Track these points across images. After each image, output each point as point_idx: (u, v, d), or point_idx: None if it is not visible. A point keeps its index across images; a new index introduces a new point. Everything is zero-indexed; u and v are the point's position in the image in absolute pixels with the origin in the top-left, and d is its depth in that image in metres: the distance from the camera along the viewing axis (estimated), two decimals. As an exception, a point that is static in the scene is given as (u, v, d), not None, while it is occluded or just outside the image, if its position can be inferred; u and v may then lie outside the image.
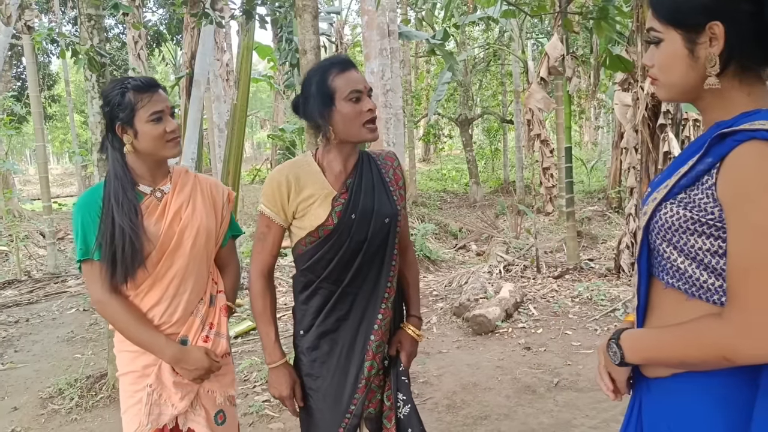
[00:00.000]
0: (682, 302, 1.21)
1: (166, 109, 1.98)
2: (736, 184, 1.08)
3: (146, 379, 1.99)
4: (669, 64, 1.22)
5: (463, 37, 17.19)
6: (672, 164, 1.27)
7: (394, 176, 2.05)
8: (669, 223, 1.19)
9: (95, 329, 6.49)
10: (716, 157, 1.12)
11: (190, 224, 2.02)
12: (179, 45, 20.36)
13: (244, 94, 7.74)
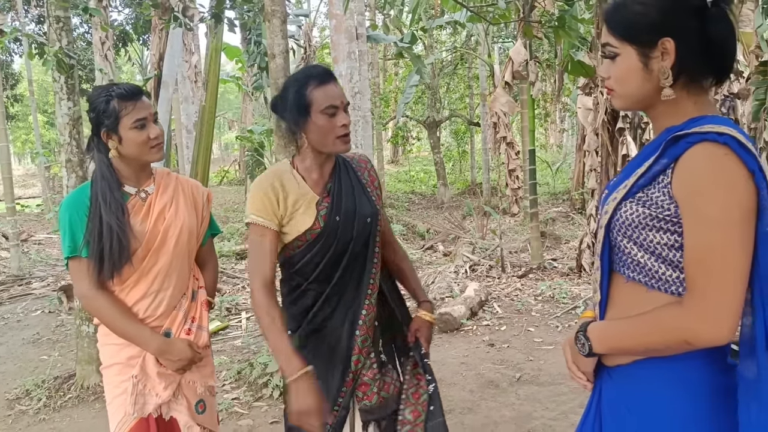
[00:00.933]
0: (642, 294, 1.30)
1: (149, 116, 2.06)
2: (690, 181, 1.19)
3: (131, 370, 2.09)
4: (625, 77, 1.32)
5: (431, 40, 17.36)
6: (628, 166, 1.38)
7: (370, 177, 2.13)
8: (629, 221, 1.28)
9: (61, 331, 6.46)
10: (671, 158, 1.23)
11: (173, 223, 2.13)
12: (146, 45, 20.14)
13: (212, 96, 7.78)
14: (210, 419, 2.24)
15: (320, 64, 2.06)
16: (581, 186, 12.58)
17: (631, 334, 1.29)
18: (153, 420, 2.10)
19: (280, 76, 4.21)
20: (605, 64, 1.36)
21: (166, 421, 2.15)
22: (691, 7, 1.26)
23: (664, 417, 1.29)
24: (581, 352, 1.39)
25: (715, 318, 1.17)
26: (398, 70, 22.49)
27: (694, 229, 1.19)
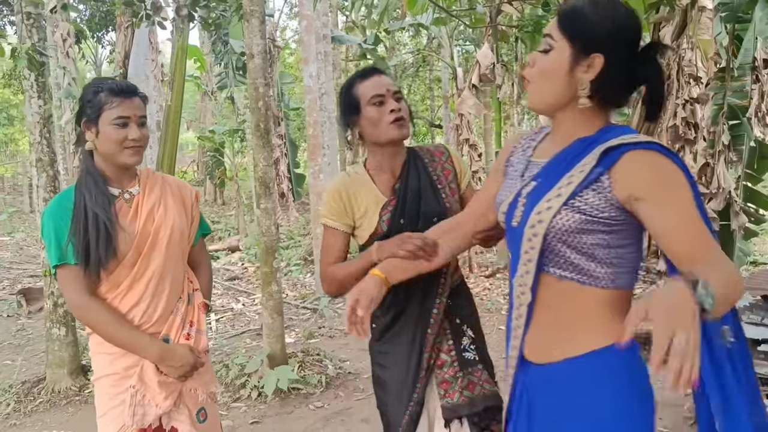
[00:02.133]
0: (576, 291, 1.38)
1: (133, 117, 1.96)
2: (645, 181, 1.28)
3: (127, 380, 1.99)
4: (549, 72, 1.38)
5: (393, 42, 17.45)
6: (546, 174, 1.42)
7: (444, 172, 2.08)
8: (566, 227, 1.34)
9: (23, 335, 6.30)
10: (605, 167, 1.32)
11: (164, 224, 2.04)
12: (99, 42, 19.68)
13: (178, 95, 7.65)
14: (212, 428, 2.18)
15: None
16: (541, 187, 12.80)
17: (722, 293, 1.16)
18: (152, 431, 2.03)
19: (258, 75, 4.21)
20: (536, 55, 1.42)
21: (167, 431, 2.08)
22: (630, 40, 1.36)
23: (605, 407, 1.35)
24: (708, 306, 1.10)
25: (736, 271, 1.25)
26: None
27: (669, 217, 1.27)
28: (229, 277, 8.73)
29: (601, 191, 1.33)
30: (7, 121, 27.67)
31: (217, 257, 10.08)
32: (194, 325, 2.14)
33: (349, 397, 4.27)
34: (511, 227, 1.47)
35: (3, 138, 28.09)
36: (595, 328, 1.38)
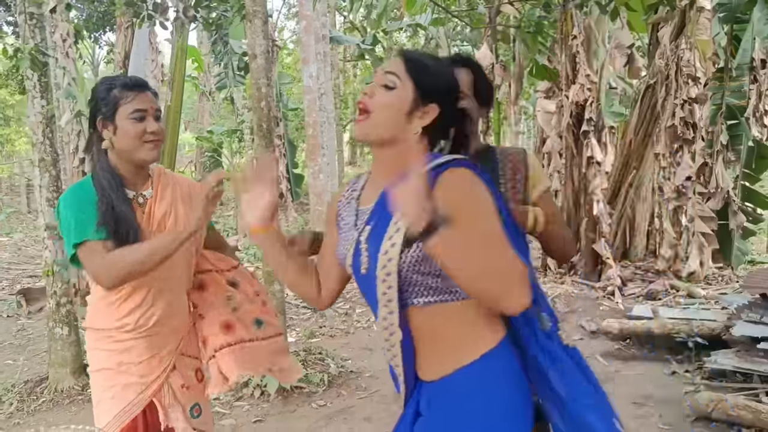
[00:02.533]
0: (444, 310, 1.45)
1: (150, 110, 1.94)
2: (455, 199, 1.35)
3: (120, 376, 2.01)
4: (390, 108, 1.45)
5: (391, 42, 17.48)
6: (379, 216, 1.47)
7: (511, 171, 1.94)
8: (416, 257, 1.40)
9: (23, 335, 6.29)
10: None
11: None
12: (97, 42, 19.66)
13: (178, 95, 7.69)
14: (205, 423, 2.19)
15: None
16: (539, 187, 12.83)
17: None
18: (141, 421, 2.03)
19: (261, 75, 4.22)
20: (376, 88, 1.48)
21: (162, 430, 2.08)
22: (456, 97, 1.51)
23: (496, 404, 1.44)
24: None
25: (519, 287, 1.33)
26: (356, 71, 22.54)
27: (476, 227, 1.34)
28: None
29: None
30: (4, 121, 27.61)
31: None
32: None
33: (351, 395, 4.29)
34: (361, 276, 1.51)
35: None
36: (474, 336, 1.46)
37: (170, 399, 2.07)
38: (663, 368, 4.53)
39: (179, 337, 2.11)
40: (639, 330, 4.89)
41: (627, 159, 7.07)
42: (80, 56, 22.24)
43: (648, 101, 6.79)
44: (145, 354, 2.03)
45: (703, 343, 4.53)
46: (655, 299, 6.10)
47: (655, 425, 3.67)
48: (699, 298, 5.94)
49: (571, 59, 7.00)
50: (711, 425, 3.60)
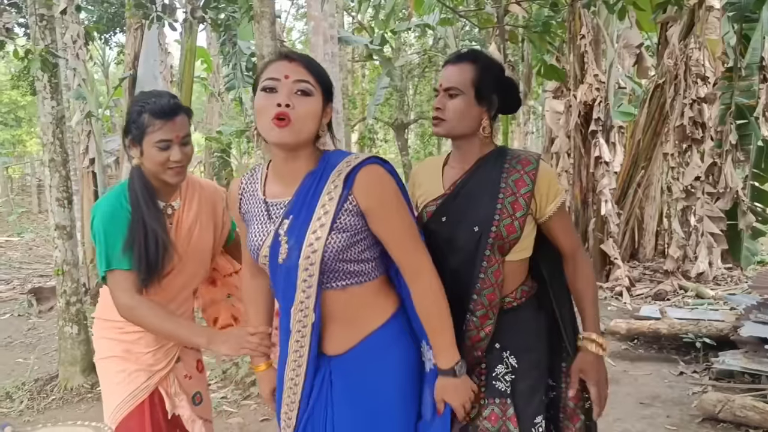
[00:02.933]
0: (356, 291, 1.65)
1: (175, 139, 1.97)
2: (374, 193, 1.58)
3: (125, 362, 2.10)
4: (313, 114, 1.57)
5: (399, 42, 17.49)
6: (299, 211, 1.60)
7: (516, 183, 1.79)
8: (338, 247, 1.57)
9: (34, 334, 6.36)
10: (349, 189, 1.57)
11: (198, 243, 2.13)
12: (107, 43, 19.78)
13: (187, 96, 7.72)
14: (206, 410, 2.30)
15: None
16: (548, 187, 12.79)
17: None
18: (148, 406, 2.10)
19: (268, 76, 4.24)
20: (293, 96, 1.56)
21: (170, 419, 2.16)
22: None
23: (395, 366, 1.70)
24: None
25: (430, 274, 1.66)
26: (365, 72, 22.55)
27: (390, 225, 1.61)
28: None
29: (351, 210, 1.58)
30: (15, 122, 27.83)
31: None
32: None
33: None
34: (277, 265, 1.63)
35: (11, 139, 28.25)
36: (374, 311, 1.69)
37: (176, 388, 2.17)
38: (671, 369, 4.52)
39: None
40: (647, 330, 4.88)
41: (635, 159, 7.05)
42: (90, 57, 22.41)
43: (657, 101, 6.77)
44: (153, 345, 2.12)
45: (711, 343, 4.52)
46: (663, 300, 6.08)
47: (661, 426, 3.67)
48: (708, 298, 5.91)
49: (579, 59, 6.99)
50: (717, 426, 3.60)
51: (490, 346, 1.84)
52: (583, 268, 1.90)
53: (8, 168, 21.50)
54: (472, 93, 1.83)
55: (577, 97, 6.82)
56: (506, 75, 1.92)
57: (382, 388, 1.69)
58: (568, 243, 1.89)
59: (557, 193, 1.84)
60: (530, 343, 1.86)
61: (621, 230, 7.08)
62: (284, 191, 1.66)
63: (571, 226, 1.94)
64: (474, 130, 1.85)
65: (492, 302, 1.81)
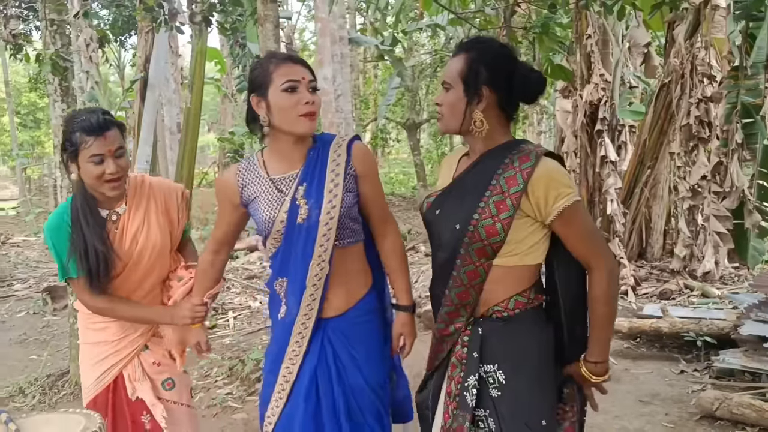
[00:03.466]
0: (351, 249, 1.98)
1: (107, 153, 2.07)
2: (366, 164, 1.97)
3: (98, 349, 2.31)
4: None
5: (411, 43, 17.53)
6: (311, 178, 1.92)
7: (508, 181, 1.69)
8: (349, 205, 1.91)
9: (48, 331, 6.48)
10: (348, 157, 1.93)
11: (146, 245, 2.25)
12: (122, 46, 20.02)
13: (197, 98, 7.83)
14: (180, 394, 2.42)
15: None
16: (559, 187, 12.79)
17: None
18: (112, 388, 2.30)
19: (272, 78, 4.32)
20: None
21: (135, 402, 2.32)
22: None
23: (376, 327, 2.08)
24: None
25: (394, 229, 2.10)
26: (377, 72, 22.62)
27: (375, 188, 2.00)
28: (247, 276, 8.87)
29: (352, 174, 1.94)
30: (34, 124, 28.26)
31: (236, 257, 10.24)
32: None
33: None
34: (296, 225, 1.90)
35: (29, 140, 28.68)
36: (362, 277, 2.05)
37: (140, 374, 2.32)
38: (672, 367, 4.54)
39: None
40: (648, 329, 4.90)
41: (642, 158, 7.04)
42: (106, 59, 22.70)
43: (663, 100, 6.76)
44: (118, 334, 2.30)
45: (713, 342, 4.53)
46: (668, 299, 6.08)
47: (659, 423, 3.70)
48: (713, 297, 5.91)
49: (586, 59, 7.01)
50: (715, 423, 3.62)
51: (468, 352, 1.77)
52: (599, 282, 1.72)
53: (26, 169, 21.81)
54: (461, 86, 1.74)
55: (583, 96, 6.84)
56: (513, 61, 1.76)
57: (372, 340, 2.04)
58: (582, 252, 1.73)
59: (560, 195, 1.66)
60: (519, 359, 1.75)
61: (627, 229, 7.09)
62: (288, 167, 1.95)
63: (586, 232, 1.72)
64: (468, 125, 1.74)
65: (463, 301, 1.77)
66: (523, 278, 1.76)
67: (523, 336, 1.76)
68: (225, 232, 2.12)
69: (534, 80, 1.76)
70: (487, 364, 1.75)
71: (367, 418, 1.98)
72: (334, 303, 1.97)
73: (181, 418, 2.40)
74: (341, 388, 1.96)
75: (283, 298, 1.99)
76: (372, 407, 1.99)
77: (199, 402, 4.27)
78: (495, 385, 1.74)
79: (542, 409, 1.75)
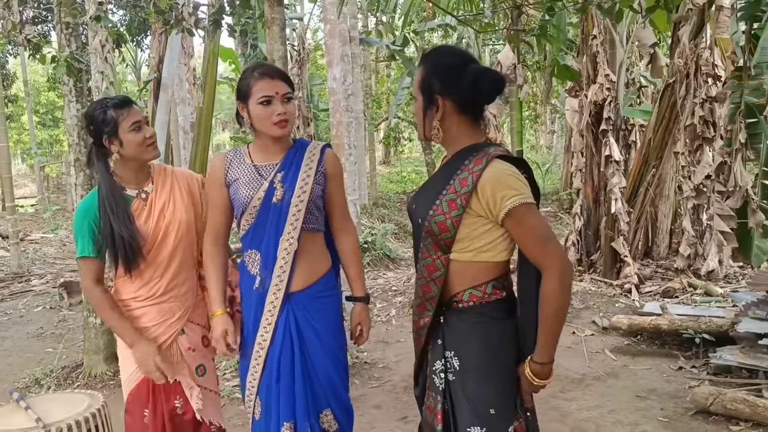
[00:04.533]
0: (315, 236, 2.32)
1: (142, 119, 2.36)
2: (334, 166, 2.35)
3: (145, 333, 2.40)
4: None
5: (423, 43, 17.61)
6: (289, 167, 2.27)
7: (461, 181, 1.79)
8: (316, 195, 2.27)
9: (64, 326, 6.66)
10: (321, 157, 2.31)
11: (173, 220, 2.41)
12: (139, 46, 20.27)
13: (210, 98, 7.97)
14: (210, 381, 2.55)
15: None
16: (569, 186, 12.84)
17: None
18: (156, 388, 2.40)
19: (279, 80, 4.44)
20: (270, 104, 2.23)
21: (171, 384, 2.42)
22: None
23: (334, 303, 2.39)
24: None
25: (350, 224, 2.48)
26: (390, 71, 22.71)
27: (339, 188, 2.39)
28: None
29: (322, 172, 2.31)
30: (53, 122, 28.67)
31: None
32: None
33: (363, 384, 4.48)
34: (271, 204, 2.23)
35: (48, 139, 29.10)
36: (323, 259, 2.37)
37: (178, 357, 2.44)
38: (670, 364, 4.60)
39: (186, 307, 2.48)
40: (648, 326, 4.97)
41: (647, 157, 7.09)
42: (123, 60, 22.99)
43: (667, 100, 6.80)
44: (156, 319, 2.41)
45: (711, 339, 4.59)
46: (671, 297, 6.13)
47: (654, 418, 3.77)
48: (716, 296, 5.96)
49: (591, 59, 7.07)
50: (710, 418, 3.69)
51: (434, 340, 1.93)
52: (547, 283, 1.75)
53: (44, 167, 22.14)
54: (421, 97, 1.87)
55: (588, 96, 6.90)
56: (463, 67, 1.81)
57: (330, 315, 2.36)
58: (532, 252, 1.77)
59: (506, 196, 1.73)
60: (469, 349, 1.85)
61: (632, 228, 7.14)
62: (270, 158, 2.30)
63: (536, 233, 1.76)
64: (429, 133, 1.88)
65: (426, 295, 1.89)
66: (479, 273, 1.84)
67: (475, 327, 1.85)
68: (219, 221, 2.37)
69: (487, 81, 1.81)
70: (447, 350, 1.90)
71: (331, 376, 2.33)
72: (299, 278, 2.27)
73: (210, 404, 2.52)
74: (303, 353, 2.28)
75: (257, 271, 2.30)
76: (332, 367, 2.33)
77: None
78: (451, 370, 1.89)
79: (489, 398, 1.83)
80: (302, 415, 2.25)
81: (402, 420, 3.90)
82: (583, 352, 4.95)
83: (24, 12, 17.15)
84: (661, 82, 7.30)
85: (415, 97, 1.91)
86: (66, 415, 1.84)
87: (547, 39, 3.89)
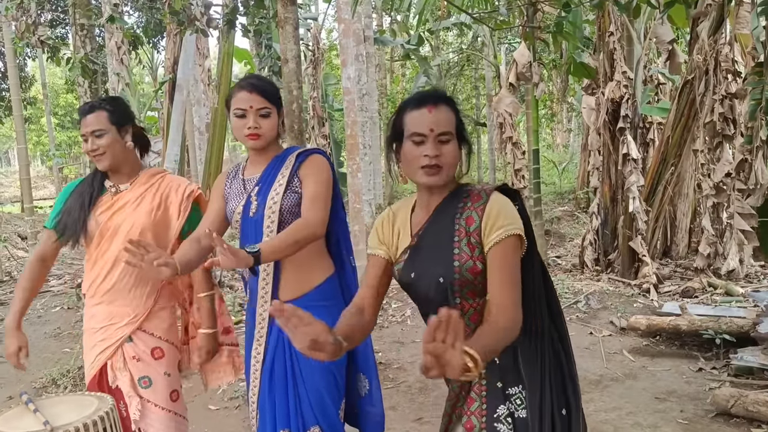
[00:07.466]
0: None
1: (87, 133, 2.43)
2: (315, 170, 2.28)
3: (90, 336, 2.52)
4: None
5: (437, 41, 17.55)
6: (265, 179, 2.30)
7: (467, 221, 1.71)
8: (291, 203, 2.25)
9: (81, 326, 6.64)
10: (297, 168, 2.30)
11: (127, 220, 2.46)
12: (155, 47, 20.42)
13: (224, 97, 8.00)
14: (157, 395, 2.48)
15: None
16: (586, 185, 12.72)
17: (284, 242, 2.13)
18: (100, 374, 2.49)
19: (292, 79, 4.43)
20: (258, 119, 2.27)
21: (114, 389, 2.46)
22: None
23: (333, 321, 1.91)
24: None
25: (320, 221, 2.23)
26: (405, 71, 22.67)
27: (313, 187, 2.25)
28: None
29: (297, 180, 2.28)
30: (71, 124, 28.97)
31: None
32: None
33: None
34: (249, 218, 2.28)
35: (67, 140, 29.42)
36: (317, 268, 2.33)
37: (121, 364, 2.47)
38: (690, 365, 4.53)
39: (136, 314, 2.48)
40: (667, 326, 4.89)
41: (665, 155, 6.99)
42: (140, 61, 23.17)
43: (686, 97, 6.71)
44: (103, 321, 2.47)
45: (732, 340, 4.51)
46: (691, 297, 6.04)
47: (674, 420, 3.71)
48: (737, 296, 5.86)
49: (608, 56, 6.98)
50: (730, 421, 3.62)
51: (489, 383, 1.77)
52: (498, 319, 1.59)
53: (62, 168, 22.38)
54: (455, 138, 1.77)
55: (605, 94, 6.82)
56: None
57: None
58: (498, 287, 1.63)
59: (504, 225, 1.67)
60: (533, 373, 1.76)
61: (651, 227, 7.05)
62: (256, 171, 2.35)
63: (509, 272, 1.65)
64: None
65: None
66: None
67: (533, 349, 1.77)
68: (212, 221, 2.38)
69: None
70: (510, 387, 1.75)
71: (321, 393, 2.29)
72: (288, 287, 2.29)
73: (154, 420, 2.47)
74: (293, 366, 2.28)
75: (248, 285, 2.38)
76: (322, 383, 2.29)
77: (222, 395, 4.40)
78: (523, 405, 1.73)
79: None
80: (295, 427, 2.30)
81: (417, 421, 3.87)
82: (601, 353, 4.88)
83: (42, 14, 17.36)
84: (680, 79, 7.20)
85: (450, 140, 1.73)
86: (75, 418, 1.84)
87: (563, 36, 3.84)
